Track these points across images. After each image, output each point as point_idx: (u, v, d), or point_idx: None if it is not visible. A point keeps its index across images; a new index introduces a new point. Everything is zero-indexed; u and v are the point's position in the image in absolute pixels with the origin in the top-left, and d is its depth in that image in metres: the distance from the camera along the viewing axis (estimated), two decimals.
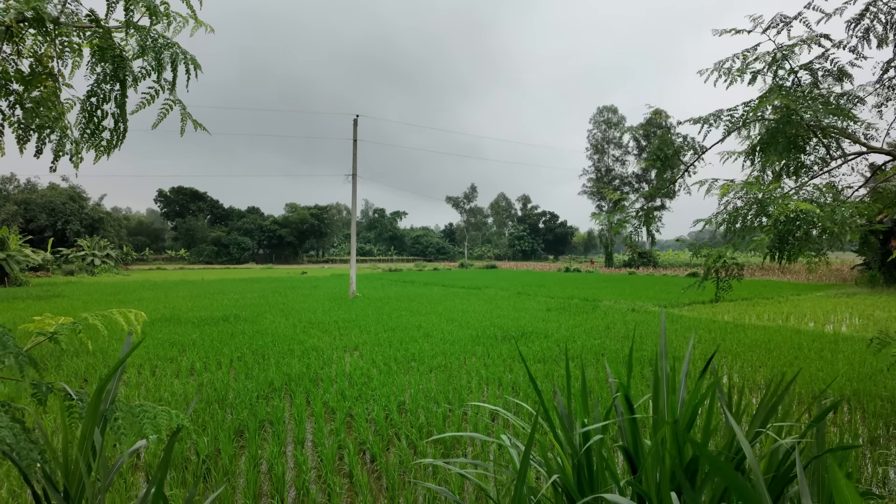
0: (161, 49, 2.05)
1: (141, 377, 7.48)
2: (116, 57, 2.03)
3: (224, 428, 5.13)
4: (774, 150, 5.13)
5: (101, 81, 2.10)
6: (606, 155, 66.21)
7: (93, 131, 2.17)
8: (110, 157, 2.27)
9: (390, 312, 14.84)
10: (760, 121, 5.24)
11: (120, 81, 2.09)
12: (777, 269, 41.13)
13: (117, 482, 3.97)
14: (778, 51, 5.16)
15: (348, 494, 4.03)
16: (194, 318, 13.61)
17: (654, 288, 25.33)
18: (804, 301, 18.59)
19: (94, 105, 2.14)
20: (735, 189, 5.01)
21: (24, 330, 6.82)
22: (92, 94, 2.12)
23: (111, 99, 2.14)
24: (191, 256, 79.78)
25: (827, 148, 5.28)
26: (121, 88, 2.12)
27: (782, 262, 4.97)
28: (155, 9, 2.01)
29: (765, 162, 5.53)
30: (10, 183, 64.18)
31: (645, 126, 9.34)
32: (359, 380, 7.03)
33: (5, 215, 53.06)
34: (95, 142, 2.19)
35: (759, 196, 4.80)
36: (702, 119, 5.40)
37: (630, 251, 61.54)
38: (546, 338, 10.26)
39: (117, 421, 2.36)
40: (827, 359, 8.25)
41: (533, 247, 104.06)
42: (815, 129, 5.05)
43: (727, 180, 5.24)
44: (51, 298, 19.99)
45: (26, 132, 2.03)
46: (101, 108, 2.15)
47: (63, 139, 2.12)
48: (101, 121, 2.18)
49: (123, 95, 2.15)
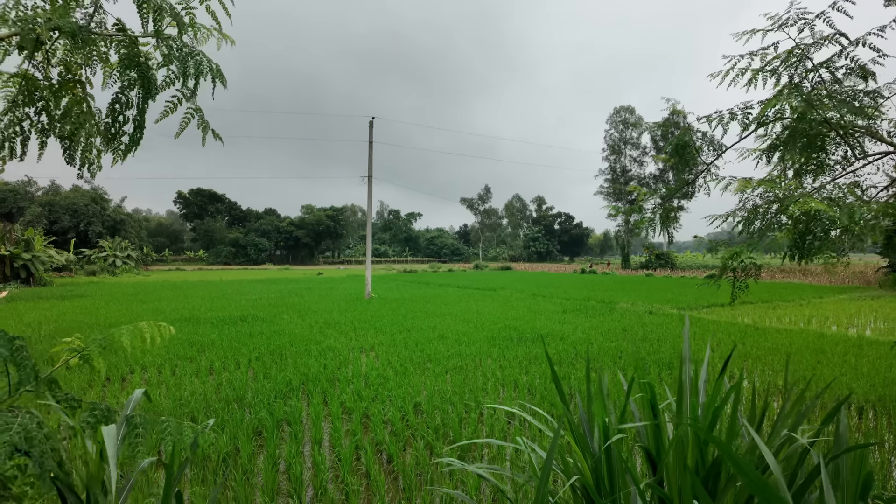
0: (186, 58, 2.09)
1: (162, 376, 7.60)
2: (142, 65, 2.08)
3: (243, 427, 5.20)
4: (793, 148, 5.03)
5: (126, 88, 2.15)
6: (623, 156, 65.59)
7: (113, 136, 2.23)
8: (125, 161, 2.32)
9: (406, 313, 14.88)
10: (779, 119, 5.15)
11: (143, 88, 2.14)
12: (798, 270, 40.38)
13: (139, 480, 4.04)
14: (797, 48, 5.07)
15: (366, 494, 4.06)
16: (213, 319, 13.80)
17: (671, 290, 25.03)
18: (826, 304, 18.22)
19: (117, 111, 2.20)
20: (753, 186, 4.93)
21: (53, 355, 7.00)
22: (116, 100, 2.18)
23: (133, 105, 2.20)
24: (209, 257, 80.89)
25: (851, 147, 5.17)
26: (143, 95, 2.17)
27: (801, 263, 4.87)
28: (181, 19, 2.06)
29: (784, 160, 5.42)
30: (31, 185, 65.76)
31: (663, 126, 9.23)
32: (375, 380, 7.07)
33: (30, 217, 54.35)
34: (114, 146, 2.25)
35: (777, 195, 4.72)
36: (715, 115, 5.30)
37: (647, 253, 60.93)
38: (562, 340, 10.20)
39: (137, 438, 2.24)
40: (851, 363, 8.07)
41: (548, 248, 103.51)
42: (837, 127, 4.95)
43: (745, 178, 5.16)
44: (74, 298, 20.42)
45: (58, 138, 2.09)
46: (124, 113, 2.20)
47: (89, 145, 2.18)
48: (122, 126, 2.24)
49: (145, 102, 2.20)
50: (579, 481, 2.40)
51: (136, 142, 2.30)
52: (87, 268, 45.16)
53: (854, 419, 5.69)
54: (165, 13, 2.00)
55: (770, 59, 5.24)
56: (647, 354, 8.75)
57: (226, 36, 2.36)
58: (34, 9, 1.89)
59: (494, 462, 4.65)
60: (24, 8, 1.86)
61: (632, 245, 69.02)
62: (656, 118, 8.86)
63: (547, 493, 2.01)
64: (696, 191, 6.33)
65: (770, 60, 5.24)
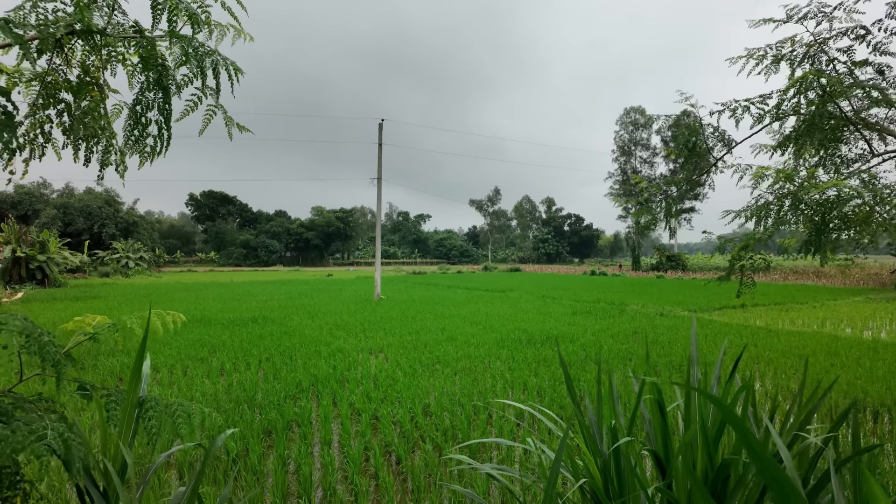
0: (203, 57, 2.11)
1: (173, 377, 7.68)
2: (160, 66, 2.10)
3: (253, 428, 5.23)
4: (810, 141, 4.95)
5: (146, 90, 2.18)
6: (633, 157, 65.26)
7: (137, 138, 2.25)
8: (153, 163, 2.34)
9: (414, 315, 14.90)
10: (796, 112, 5.06)
11: (163, 89, 2.16)
12: (811, 272, 39.87)
13: (151, 480, 4.08)
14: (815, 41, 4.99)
15: (375, 495, 4.07)
16: (224, 320, 13.91)
17: (683, 292, 24.83)
18: (840, 306, 17.97)
19: (139, 113, 2.22)
20: (768, 176, 4.83)
21: (64, 329, 7.11)
22: (137, 101, 2.21)
23: (154, 106, 2.22)
24: (220, 259, 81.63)
25: (868, 142, 5.09)
26: (164, 96, 2.19)
27: (815, 257, 4.77)
28: (196, 18, 2.08)
29: (799, 154, 5.33)
30: (46, 188, 66.77)
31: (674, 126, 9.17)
32: (384, 382, 7.09)
33: (45, 219, 55.17)
34: (140, 148, 2.27)
35: (791, 188, 4.64)
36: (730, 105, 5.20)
37: (657, 254, 60.49)
38: (572, 342, 10.16)
39: (150, 421, 2.31)
40: (865, 366, 7.96)
41: (557, 250, 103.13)
42: (856, 121, 4.87)
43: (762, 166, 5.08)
44: (88, 299, 20.68)
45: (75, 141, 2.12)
46: (146, 115, 2.22)
47: (109, 148, 2.20)
48: (145, 128, 2.26)
49: (166, 102, 2.22)
50: (588, 484, 2.39)
51: (163, 142, 2.30)
52: (100, 269, 45.74)
53: (869, 423, 5.61)
54: (181, 12, 2.01)
55: (787, 50, 5.13)
56: (658, 357, 8.69)
57: (242, 31, 2.36)
58: (54, 11, 1.92)
59: (503, 464, 4.64)
60: (43, 11, 1.89)
61: (642, 247, 68.62)
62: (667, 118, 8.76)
63: (555, 494, 2.01)
64: (706, 191, 6.28)
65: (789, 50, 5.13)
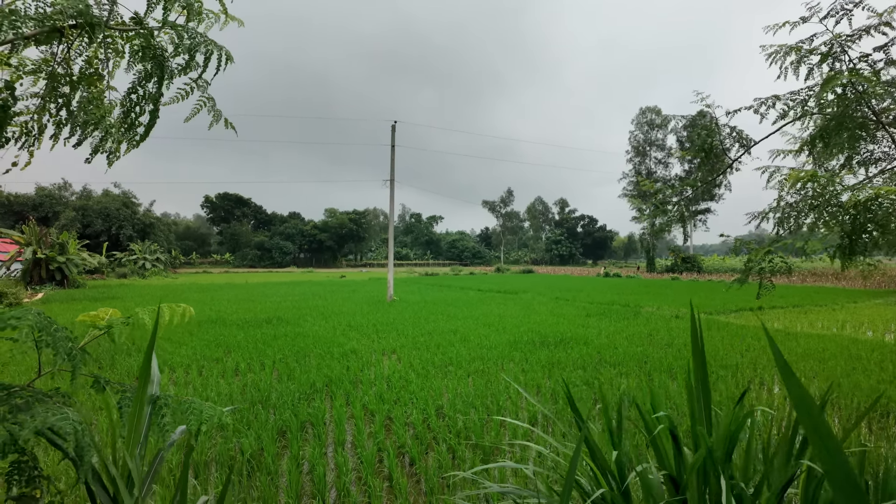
0: (196, 46, 2.15)
1: (189, 377, 7.75)
2: (157, 56, 2.13)
3: (267, 428, 5.26)
4: (837, 141, 4.82)
5: (142, 80, 2.22)
6: (648, 157, 64.68)
7: (129, 126, 2.31)
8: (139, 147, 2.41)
9: (427, 316, 14.90)
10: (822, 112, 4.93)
11: (158, 79, 2.21)
12: (830, 274, 39.14)
13: (161, 475, 4.12)
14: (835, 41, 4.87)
15: (388, 497, 4.06)
16: (239, 320, 14.03)
17: (698, 294, 24.53)
18: (861, 309, 17.61)
19: (133, 102, 2.27)
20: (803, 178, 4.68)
21: (79, 322, 7.21)
22: (132, 91, 2.25)
23: (148, 96, 2.27)
24: (235, 260, 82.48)
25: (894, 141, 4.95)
26: (157, 85, 2.25)
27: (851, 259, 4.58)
28: (191, 7, 2.11)
29: (830, 153, 5.17)
30: (66, 190, 68.01)
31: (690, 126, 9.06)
32: (397, 383, 7.08)
33: (65, 221, 56.20)
34: (129, 136, 2.33)
35: (817, 189, 4.50)
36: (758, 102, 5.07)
37: (672, 256, 59.86)
38: (586, 344, 10.07)
39: (164, 417, 2.32)
40: (888, 370, 7.78)
41: (571, 251, 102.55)
42: (886, 122, 4.74)
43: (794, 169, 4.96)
44: (106, 300, 20.99)
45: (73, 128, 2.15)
46: (140, 104, 2.27)
47: (106, 136, 2.24)
48: (138, 117, 2.31)
49: (159, 92, 2.27)
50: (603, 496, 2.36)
51: (149, 128, 2.38)
52: (117, 270, 46.46)
53: (893, 428, 5.48)
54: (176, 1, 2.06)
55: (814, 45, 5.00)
56: (674, 360, 8.58)
57: (232, 17, 2.41)
58: (53, 4, 1.94)
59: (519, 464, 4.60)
60: (44, 3, 1.92)
61: (657, 248, 67.94)
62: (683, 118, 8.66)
63: None
64: (721, 192, 6.19)
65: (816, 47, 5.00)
